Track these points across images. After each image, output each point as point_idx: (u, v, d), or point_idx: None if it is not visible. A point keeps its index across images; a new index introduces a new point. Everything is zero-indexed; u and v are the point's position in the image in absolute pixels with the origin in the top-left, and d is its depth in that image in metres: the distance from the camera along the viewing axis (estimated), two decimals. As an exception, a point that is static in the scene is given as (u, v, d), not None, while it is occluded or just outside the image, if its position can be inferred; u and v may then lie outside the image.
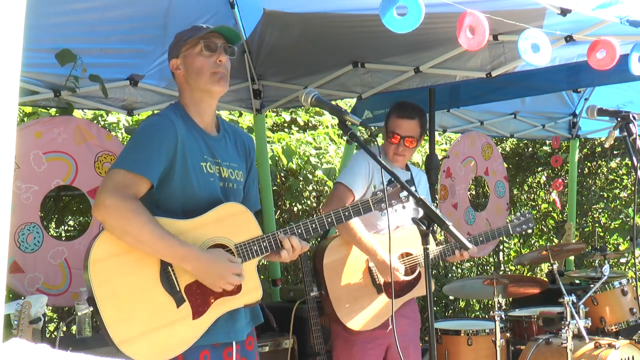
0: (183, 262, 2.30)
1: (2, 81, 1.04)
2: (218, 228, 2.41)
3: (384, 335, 3.45)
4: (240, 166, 2.61)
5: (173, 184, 2.37)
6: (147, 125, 2.46)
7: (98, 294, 2.22)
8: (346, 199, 3.37)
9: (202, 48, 2.47)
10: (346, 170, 3.53)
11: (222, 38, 2.52)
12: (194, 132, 2.46)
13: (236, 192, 2.56)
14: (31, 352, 1.03)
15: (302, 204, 6.65)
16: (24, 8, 1.07)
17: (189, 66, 2.50)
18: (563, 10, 3.08)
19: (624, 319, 4.54)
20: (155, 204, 2.37)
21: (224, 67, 2.48)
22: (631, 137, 2.98)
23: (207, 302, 2.36)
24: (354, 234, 3.34)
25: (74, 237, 4.85)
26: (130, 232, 2.23)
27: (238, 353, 2.51)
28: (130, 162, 2.33)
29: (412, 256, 3.48)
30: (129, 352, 2.23)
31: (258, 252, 2.44)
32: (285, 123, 7.49)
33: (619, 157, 9.05)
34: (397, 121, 3.55)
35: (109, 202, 2.23)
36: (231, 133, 2.64)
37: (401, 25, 2.53)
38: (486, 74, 4.31)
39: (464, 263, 8.94)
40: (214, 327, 2.39)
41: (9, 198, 1.06)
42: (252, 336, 2.63)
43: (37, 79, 4.12)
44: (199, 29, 2.53)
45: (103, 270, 2.24)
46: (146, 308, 2.27)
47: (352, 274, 3.41)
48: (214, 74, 2.46)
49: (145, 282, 2.29)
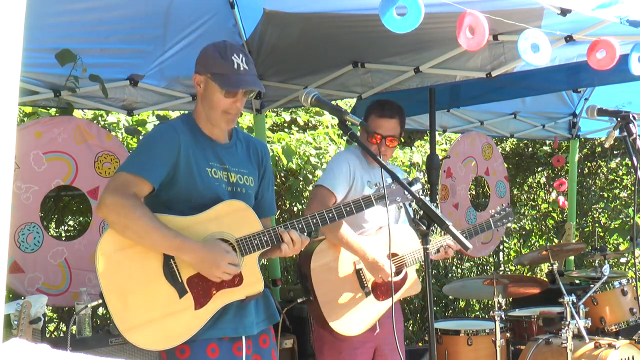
0: (179, 252, 2.40)
1: (2, 81, 1.04)
2: (219, 224, 2.49)
3: (371, 339, 3.42)
4: (251, 172, 2.68)
5: (178, 186, 2.48)
6: (151, 133, 2.63)
7: (104, 285, 2.36)
8: (328, 201, 3.31)
9: (224, 93, 2.50)
10: (326, 173, 3.45)
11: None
12: (201, 140, 2.56)
13: (245, 196, 2.62)
14: (31, 352, 1.03)
15: (302, 204, 6.65)
16: (24, 8, 1.07)
17: (207, 94, 2.55)
18: (563, 10, 3.08)
19: (624, 319, 4.54)
20: (165, 206, 2.49)
21: (237, 109, 2.55)
22: (631, 137, 2.98)
23: (209, 293, 2.45)
24: (341, 236, 3.29)
25: (74, 237, 4.85)
26: (129, 226, 2.35)
27: (249, 349, 2.57)
28: (131, 165, 2.47)
29: (398, 257, 3.45)
30: (133, 339, 2.36)
31: (259, 246, 2.51)
32: (285, 123, 7.49)
33: (619, 157, 9.06)
34: (377, 121, 3.50)
35: (109, 200, 2.36)
36: (244, 141, 2.73)
37: (401, 25, 2.53)
38: (486, 74, 4.31)
39: (464, 263, 8.94)
40: (222, 322, 2.48)
41: (9, 198, 1.06)
42: (268, 334, 2.70)
43: (37, 79, 4.12)
44: (229, 68, 2.48)
45: (109, 263, 2.37)
46: (150, 298, 2.39)
47: (340, 278, 3.36)
48: (225, 114, 2.54)
49: (149, 274, 2.40)
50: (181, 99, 4.83)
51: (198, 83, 2.58)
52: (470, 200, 6.67)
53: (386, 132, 3.48)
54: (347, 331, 3.32)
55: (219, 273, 2.41)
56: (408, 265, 3.48)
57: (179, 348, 2.43)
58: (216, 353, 2.47)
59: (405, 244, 3.44)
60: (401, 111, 3.58)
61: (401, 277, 3.49)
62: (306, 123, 7.60)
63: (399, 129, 3.54)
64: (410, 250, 3.44)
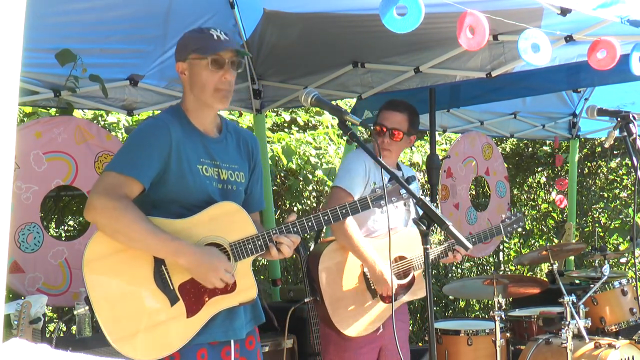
0: (176, 256, 2.32)
1: (2, 81, 1.04)
2: (212, 227, 2.42)
3: (376, 339, 3.43)
4: (242, 167, 2.60)
5: (168, 185, 2.39)
6: (141, 129, 2.48)
7: (92, 295, 2.27)
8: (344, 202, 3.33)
9: (209, 63, 2.43)
10: (343, 173, 3.46)
11: (232, 51, 2.47)
12: (192, 135, 2.47)
13: (236, 193, 2.55)
14: (31, 352, 1.03)
15: (302, 204, 6.65)
16: (24, 8, 1.07)
17: (194, 76, 2.47)
18: (563, 10, 3.08)
19: (624, 319, 4.54)
20: (152, 205, 2.39)
21: (228, 84, 2.47)
22: (631, 137, 2.98)
23: (201, 300, 2.37)
24: (352, 241, 3.30)
25: (74, 237, 4.85)
26: (121, 230, 2.27)
27: (237, 352, 2.51)
28: (121, 164, 2.36)
29: (406, 260, 3.45)
30: (124, 350, 2.27)
31: (252, 250, 2.44)
32: (285, 123, 7.49)
33: (619, 157, 9.05)
34: (384, 113, 3.54)
35: (97, 203, 2.27)
36: (234, 133, 2.63)
37: (401, 25, 2.53)
38: (486, 74, 4.31)
39: (463, 263, 8.95)
40: (212, 326, 2.41)
41: (9, 198, 1.06)
42: (253, 335, 2.63)
43: (37, 79, 4.12)
44: (208, 39, 2.45)
45: (97, 270, 2.29)
46: (140, 307, 2.31)
47: (348, 280, 3.37)
48: (218, 91, 2.45)
49: (139, 281, 2.31)
50: (181, 99, 4.82)
51: (182, 71, 2.51)
52: (470, 200, 6.67)
53: (391, 124, 3.49)
54: (352, 332, 3.33)
55: (214, 279, 2.33)
56: (415, 268, 3.47)
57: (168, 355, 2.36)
58: (205, 358, 2.42)
59: (414, 247, 3.40)
60: (412, 109, 3.58)
61: (408, 280, 3.49)
62: (306, 123, 7.61)
63: (407, 125, 3.53)
64: (418, 253, 3.42)
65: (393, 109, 3.53)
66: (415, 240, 3.42)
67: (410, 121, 3.55)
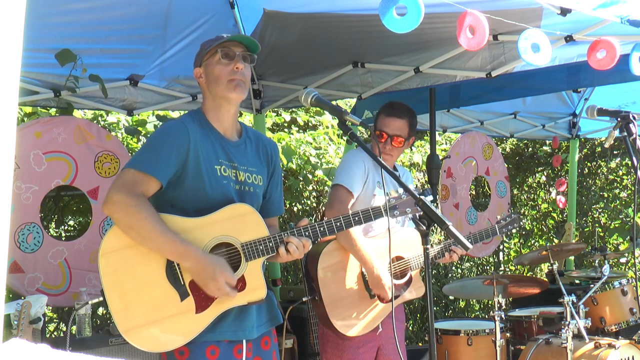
0: (182, 259, 2.38)
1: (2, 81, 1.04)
2: (225, 227, 2.47)
3: (374, 338, 3.44)
4: (260, 171, 2.66)
5: (186, 185, 2.46)
6: (161, 129, 2.58)
7: (105, 283, 2.35)
8: (346, 201, 3.35)
9: (220, 56, 2.53)
10: (343, 172, 3.46)
11: (242, 46, 2.58)
12: (211, 136, 2.54)
13: (253, 195, 2.61)
14: (31, 352, 1.03)
15: (302, 204, 6.65)
16: (24, 8, 1.07)
17: (209, 74, 2.57)
18: (563, 10, 3.08)
19: (624, 319, 4.55)
20: (170, 204, 2.47)
21: (241, 74, 2.54)
22: (631, 137, 2.98)
23: (210, 297, 2.43)
24: (353, 243, 3.31)
25: (74, 237, 4.85)
26: (134, 226, 2.34)
27: (250, 351, 2.56)
28: (140, 162, 2.45)
29: (403, 260, 3.46)
30: (133, 340, 2.35)
31: (264, 251, 2.49)
32: (285, 123, 7.49)
33: (619, 157, 9.05)
34: (385, 120, 3.53)
35: (115, 198, 2.35)
36: (253, 139, 2.71)
37: (401, 25, 2.53)
38: (486, 74, 4.31)
39: (463, 263, 8.95)
40: (222, 325, 2.46)
41: (9, 198, 1.06)
42: (269, 336, 2.69)
43: (37, 79, 4.12)
44: (220, 37, 2.58)
45: (111, 262, 2.36)
46: (151, 299, 2.37)
47: (346, 280, 3.38)
48: (230, 81, 2.52)
49: (151, 275, 2.38)
50: (181, 99, 4.84)
51: (199, 76, 2.61)
52: (470, 200, 6.67)
53: (393, 131, 3.50)
54: (350, 331, 3.33)
55: (213, 288, 2.38)
56: (413, 269, 3.48)
57: (178, 349, 2.42)
58: (216, 355, 2.45)
59: (412, 248, 3.44)
60: (411, 113, 3.59)
61: (405, 281, 3.50)
62: (306, 123, 7.61)
63: (407, 129, 3.54)
64: (416, 254, 3.45)
65: (393, 115, 3.53)
66: (413, 241, 3.45)
67: (410, 125, 3.56)
